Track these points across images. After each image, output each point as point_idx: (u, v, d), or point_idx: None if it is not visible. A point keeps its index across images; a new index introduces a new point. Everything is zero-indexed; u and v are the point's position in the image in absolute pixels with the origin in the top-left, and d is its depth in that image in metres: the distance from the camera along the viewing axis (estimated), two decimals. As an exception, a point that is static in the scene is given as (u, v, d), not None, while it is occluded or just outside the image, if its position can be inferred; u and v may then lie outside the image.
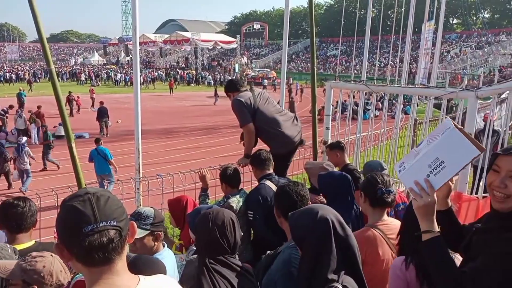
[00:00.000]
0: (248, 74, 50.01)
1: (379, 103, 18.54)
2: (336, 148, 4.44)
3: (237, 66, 59.25)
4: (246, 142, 4.14)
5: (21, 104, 22.81)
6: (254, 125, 4.11)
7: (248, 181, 4.28)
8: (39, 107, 17.75)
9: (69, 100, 23.18)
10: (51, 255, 1.91)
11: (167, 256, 2.50)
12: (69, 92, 23.91)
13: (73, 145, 3.28)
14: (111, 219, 1.14)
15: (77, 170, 3.35)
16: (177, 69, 60.70)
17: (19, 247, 2.39)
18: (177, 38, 61.41)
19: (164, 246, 2.62)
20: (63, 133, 17.07)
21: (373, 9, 11.52)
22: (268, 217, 3.20)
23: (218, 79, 49.66)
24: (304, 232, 1.80)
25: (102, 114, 18.06)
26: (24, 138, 11.98)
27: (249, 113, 4.07)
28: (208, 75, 52.00)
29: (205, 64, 65.37)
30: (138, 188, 4.83)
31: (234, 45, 64.94)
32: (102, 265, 1.13)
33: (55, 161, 12.66)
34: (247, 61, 65.82)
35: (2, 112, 18.84)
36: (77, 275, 2.33)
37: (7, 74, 47.20)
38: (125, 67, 63.31)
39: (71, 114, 22.71)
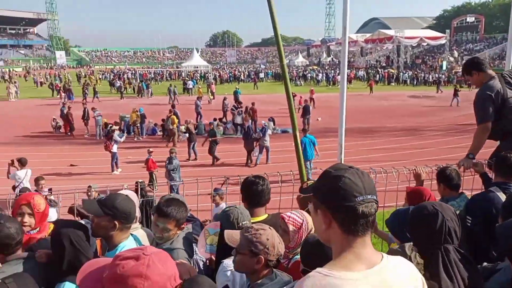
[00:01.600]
0: (457, 71, 45.26)
1: None
2: None
3: (444, 63, 54.28)
4: (476, 141, 3.70)
5: (236, 100, 26.01)
6: (499, 120, 3.65)
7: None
8: (253, 103, 19.99)
9: None
10: (269, 228, 2.12)
11: None
12: (293, 94, 25.37)
13: (297, 134, 3.63)
14: (374, 193, 1.24)
15: (299, 156, 3.69)
16: (378, 68, 59.34)
17: (256, 219, 2.78)
18: (379, 37, 60.13)
19: None
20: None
21: None
22: (489, 228, 2.87)
23: (422, 78, 46.47)
24: None
25: (306, 111, 19.14)
26: (266, 124, 14.64)
27: (493, 110, 3.61)
28: (410, 73, 49.14)
29: (407, 62, 62.01)
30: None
31: (442, 41, 59.64)
32: (361, 235, 1.23)
33: (217, 156, 14.27)
34: (457, 58, 59.48)
35: (234, 108, 21.77)
36: (296, 256, 2.55)
37: (229, 75, 54.61)
38: (326, 67, 65.37)
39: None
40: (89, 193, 7.15)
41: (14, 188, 9.03)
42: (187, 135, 15.33)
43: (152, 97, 34.78)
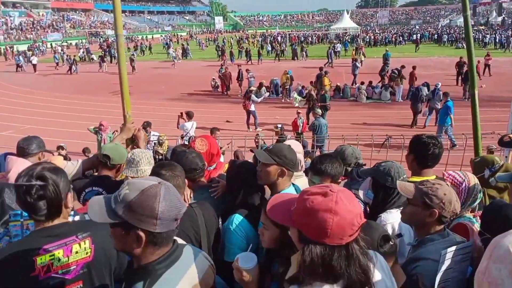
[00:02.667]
0: None
1: None
2: None
3: None
4: None
5: (385, 63, 24.52)
6: None
7: None
8: (414, 67, 18.79)
9: (459, 65, 20.85)
10: (447, 184, 2.03)
11: None
12: (460, 58, 20.81)
13: (476, 92, 3.39)
14: None
15: (476, 122, 3.42)
16: None
17: (422, 179, 2.68)
18: None
19: None
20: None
21: None
22: None
23: None
24: None
25: (467, 77, 17.23)
26: (438, 85, 14.11)
27: None
28: None
29: None
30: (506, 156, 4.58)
31: None
32: None
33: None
34: None
35: (394, 72, 20.63)
36: (459, 218, 2.41)
37: (386, 36, 52.00)
38: (496, 28, 56.94)
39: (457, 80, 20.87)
40: (256, 140, 8.04)
41: (182, 137, 10.27)
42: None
43: (307, 59, 35.22)
